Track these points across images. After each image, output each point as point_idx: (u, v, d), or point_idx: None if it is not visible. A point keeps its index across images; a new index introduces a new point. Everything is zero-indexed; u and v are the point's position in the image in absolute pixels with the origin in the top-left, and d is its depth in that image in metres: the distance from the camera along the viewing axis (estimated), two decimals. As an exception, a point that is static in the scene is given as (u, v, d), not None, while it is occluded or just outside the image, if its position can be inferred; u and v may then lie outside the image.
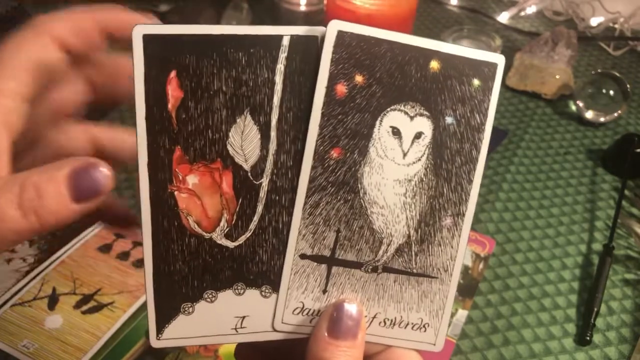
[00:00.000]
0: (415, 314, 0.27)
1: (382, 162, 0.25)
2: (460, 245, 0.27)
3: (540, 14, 0.93)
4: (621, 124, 0.72)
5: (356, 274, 0.26)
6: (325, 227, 0.26)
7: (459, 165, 0.26)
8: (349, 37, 0.24)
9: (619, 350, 0.47)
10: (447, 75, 0.25)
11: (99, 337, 0.44)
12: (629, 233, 0.57)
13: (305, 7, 0.80)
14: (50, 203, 0.22)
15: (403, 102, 0.25)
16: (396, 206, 0.26)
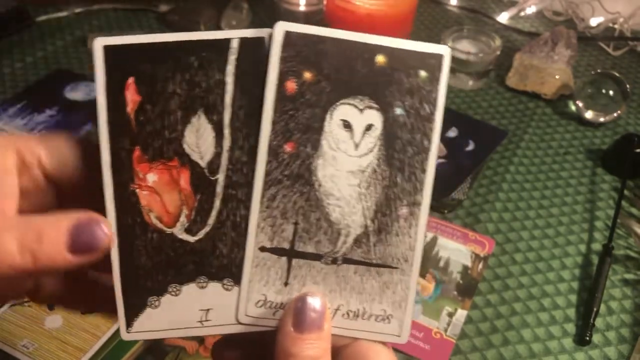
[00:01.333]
0: (377, 305, 0.27)
1: (335, 154, 0.26)
2: (418, 235, 0.27)
3: (540, 14, 0.93)
4: (621, 124, 0.72)
5: (316, 265, 0.27)
6: (283, 220, 0.27)
7: (411, 155, 0.26)
8: (296, 37, 0.25)
9: (618, 350, 0.48)
10: (393, 68, 0.26)
11: (99, 337, 0.44)
12: (629, 233, 0.57)
13: (305, 7, 0.81)
14: (47, 248, 0.23)
15: (352, 95, 0.26)
16: (352, 197, 0.26)
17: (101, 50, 0.26)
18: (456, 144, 0.66)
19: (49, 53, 0.76)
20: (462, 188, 0.60)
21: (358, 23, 0.71)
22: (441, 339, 0.47)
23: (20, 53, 0.76)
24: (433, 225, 0.56)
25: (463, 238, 0.55)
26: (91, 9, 0.84)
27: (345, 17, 0.72)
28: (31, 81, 0.71)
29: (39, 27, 0.81)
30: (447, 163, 0.63)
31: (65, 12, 0.83)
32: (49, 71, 0.73)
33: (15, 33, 0.79)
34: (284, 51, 0.25)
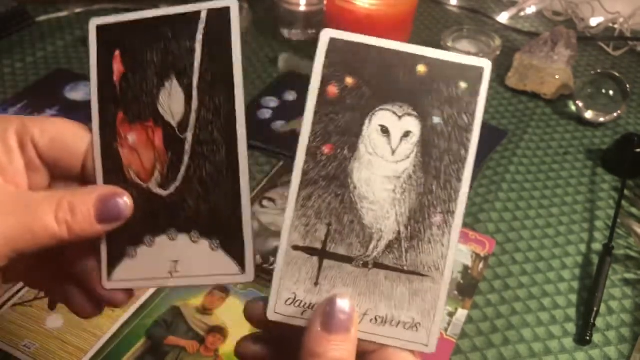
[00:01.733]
0: (406, 313, 0.27)
1: (372, 158, 0.27)
2: (451, 244, 0.27)
3: (539, 14, 0.93)
4: (621, 124, 0.72)
5: (347, 268, 0.27)
6: (317, 220, 0.27)
7: (447, 164, 0.27)
8: (340, 44, 0.26)
9: (618, 350, 0.48)
10: (433, 78, 0.26)
11: (100, 337, 0.44)
12: (629, 233, 0.57)
13: (305, 7, 0.81)
14: (79, 219, 0.27)
15: (391, 102, 0.26)
16: (386, 202, 0.27)
17: (94, 29, 0.30)
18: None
19: (49, 53, 0.76)
20: (462, 188, 0.60)
21: (358, 23, 0.71)
22: (442, 338, 0.47)
23: (20, 53, 0.76)
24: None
25: (463, 238, 0.55)
26: (91, 9, 0.84)
27: (345, 17, 0.72)
28: (31, 81, 0.71)
29: (39, 27, 0.81)
30: (447, 163, 0.63)
31: (65, 12, 0.83)
32: (49, 71, 0.73)
33: (16, 33, 0.79)
34: (328, 57, 0.26)
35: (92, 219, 0.27)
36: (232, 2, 0.28)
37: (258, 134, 0.65)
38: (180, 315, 0.46)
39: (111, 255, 0.30)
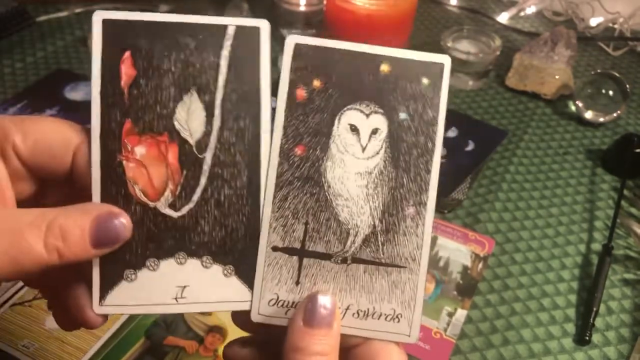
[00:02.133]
0: (387, 305, 0.28)
1: (343, 156, 0.27)
2: (425, 234, 0.28)
3: (539, 14, 0.93)
4: (620, 124, 0.72)
5: (327, 265, 0.28)
6: (294, 220, 0.28)
7: (416, 157, 0.28)
8: (306, 48, 0.27)
9: (618, 350, 0.48)
10: (397, 76, 0.28)
11: (99, 337, 0.45)
12: (628, 233, 0.57)
13: (305, 7, 0.81)
14: (71, 245, 0.24)
15: (358, 102, 0.27)
16: (359, 197, 0.27)
17: (100, 24, 0.27)
18: (456, 144, 0.66)
19: (49, 53, 0.76)
20: (461, 188, 0.60)
21: (358, 23, 0.71)
22: (441, 338, 0.47)
23: (20, 53, 0.76)
24: (433, 225, 0.56)
25: (463, 238, 0.55)
26: (91, 9, 0.83)
27: (345, 17, 0.72)
28: (31, 81, 0.71)
29: (39, 27, 0.81)
30: (447, 163, 0.63)
31: (65, 12, 0.83)
32: (49, 71, 0.73)
33: (16, 33, 0.79)
34: (294, 61, 0.27)
35: (87, 244, 0.25)
36: (263, 23, 0.28)
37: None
38: (179, 315, 0.47)
39: (106, 278, 0.27)
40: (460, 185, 0.60)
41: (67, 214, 0.24)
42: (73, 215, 0.25)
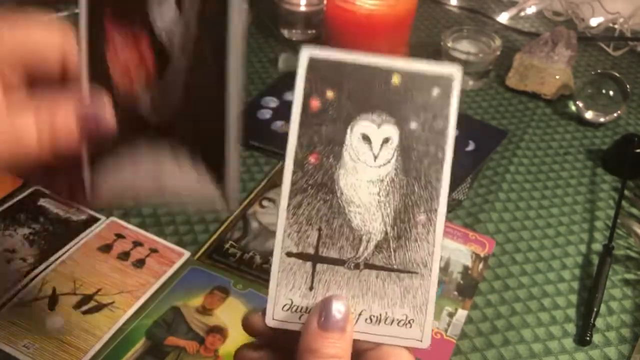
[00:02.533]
0: (399, 310, 0.28)
1: (356, 165, 0.28)
2: (436, 241, 0.28)
3: (540, 14, 0.93)
4: (621, 124, 0.72)
5: (340, 270, 0.28)
6: (308, 226, 0.28)
7: (427, 166, 0.28)
8: (319, 61, 0.28)
9: (618, 351, 0.48)
10: (408, 87, 0.28)
11: (99, 337, 0.44)
12: (629, 233, 0.57)
13: (305, 7, 0.81)
14: (61, 123, 0.25)
15: (370, 112, 0.28)
16: (372, 205, 0.28)
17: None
18: (456, 144, 0.65)
19: (49, 53, 0.76)
20: (462, 188, 0.60)
21: (358, 23, 0.71)
22: (441, 339, 0.47)
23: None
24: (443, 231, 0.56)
25: (463, 238, 0.55)
26: (91, 9, 0.84)
27: (345, 17, 0.72)
28: (31, 81, 0.71)
29: (39, 28, 0.81)
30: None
31: (65, 12, 0.83)
32: (49, 71, 0.73)
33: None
34: (309, 73, 0.28)
35: (73, 123, 0.25)
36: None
37: (258, 134, 0.65)
38: (180, 316, 0.46)
39: (94, 170, 0.29)
40: (461, 185, 0.60)
41: (52, 97, 0.25)
42: (59, 98, 0.26)
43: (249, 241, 0.53)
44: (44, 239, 0.51)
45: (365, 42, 0.73)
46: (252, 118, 0.67)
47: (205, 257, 0.52)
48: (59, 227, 0.52)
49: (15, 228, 0.52)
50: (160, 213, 0.54)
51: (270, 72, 0.76)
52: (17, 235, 0.51)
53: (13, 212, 0.53)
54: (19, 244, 0.51)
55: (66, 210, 0.54)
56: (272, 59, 0.78)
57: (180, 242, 0.53)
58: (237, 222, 0.55)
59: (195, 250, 0.52)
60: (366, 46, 0.73)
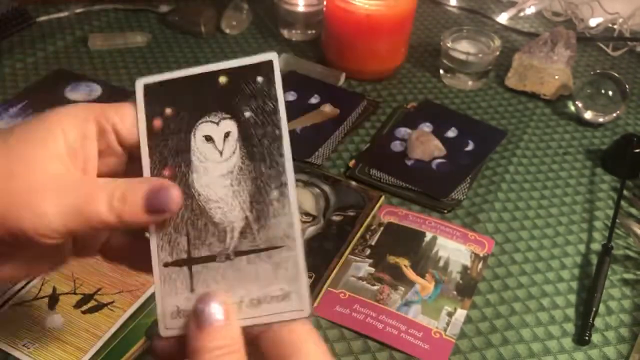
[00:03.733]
0: (276, 286, 0.29)
1: (205, 165, 0.30)
2: (292, 211, 0.29)
3: (539, 14, 0.93)
4: (620, 124, 0.72)
5: (213, 266, 0.30)
6: (176, 234, 0.30)
7: (268, 145, 0.30)
8: (153, 86, 0.31)
9: (617, 350, 0.48)
10: (234, 83, 0.31)
11: (99, 337, 0.45)
12: (628, 233, 0.57)
13: (305, 7, 0.81)
14: (129, 208, 0.28)
15: (207, 115, 0.31)
16: (227, 196, 0.30)
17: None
18: (455, 144, 0.66)
19: (50, 53, 0.76)
20: (461, 188, 0.60)
21: (358, 24, 0.71)
22: (441, 338, 0.47)
23: (21, 53, 0.76)
24: (432, 225, 0.56)
25: (462, 238, 0.55)
26: (92, 9, 0.84)
27: (344, 17, 0.72)
28: (32, 81, 0.72)
29: (39, 27, 0.81)
30: (446, 163, 0.63)
31: (65, 12, 0.83)
32: (50, 71, 0.73)
33: (16, 33, 0.79)
34: (146, 98, 0.31)
35: (140, 209, 0.29)
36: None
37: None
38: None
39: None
40: (460, 185, 0.61)
41: (128, 182, 0.29)
42: (133, 184, 0.29)
43: (248, 241, 0.53)
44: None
45: (365, 42, 0.73)
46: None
47: (205, 256, 0.52)
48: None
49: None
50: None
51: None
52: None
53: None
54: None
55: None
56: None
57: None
58: (237, 221, 0.55)
59: (195, 249, 0.52)
60: (365, 46, 0.73)
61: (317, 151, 0.63)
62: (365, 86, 0.75)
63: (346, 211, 0.57)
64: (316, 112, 0.69)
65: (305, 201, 0.58)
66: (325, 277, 0.51)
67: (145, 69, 0.75)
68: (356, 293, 0.50)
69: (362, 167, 0.62)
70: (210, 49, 0.80)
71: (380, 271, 0.52)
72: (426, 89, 0.76)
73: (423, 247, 0.54)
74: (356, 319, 0.48)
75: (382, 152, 0.65)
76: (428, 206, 0.59)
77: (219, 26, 0.83)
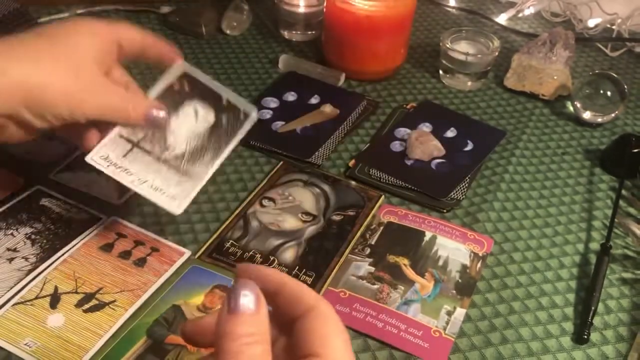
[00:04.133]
0: (172, 189, 0.48)
1: (183, 120, 0.50)
2: (208, 172, 0.49)
3: (538, 15, 0.94)
4: (618, 124, 0.73)
5: (145, 156, 0.48)
6: (140, 128, 0.48)
7: (220, 140, 0.50)
8: (188, 73, 0.51)
9: (616, 349, 0.48)
10: (230, 106, 0.51)
11: (101, 336, 0.45)
12: (626, 232, 0.58)
13: (305, 8, 0.81)
14: (135, 115, 0.46)
15: (202, 103, 0.51)
16: (183, 138, 0.49)
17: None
18: (455, 144, 0.66)
19: (50, 54, 0.77)
20: (460, 188, 0.61)
21: (357, 24, 0.71)
22: (440, 337, 0.47)
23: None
24: (432, 224, 0.57)
25: (462, 237, 0.56)
26: (92, 10, 0.84)
27: (344, 18, 0.72)
28: (32, 82, 0.72)
29: (40, 28, 0.81)
30: (445, 163, 0.63)
31: (67, 12, 0.84)
32: (50, 72, 0.73)
33: (17, 34, 0.79)
34: (180, 76, 0.51)
35: (142, 120, 0.46)
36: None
37: (258, 134, 0.65)
38: (181, 314, 0.47)
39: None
40: (459, 185, 0.61)
41: (141, 97, 0.48)
42: (143, 99, 0.47)
43: (249, 240, 0.54)
44: (45, 238, 0.52)
45: (365, 43, 0.73)
46: (252, 118, 0.67)
47: (206, 256, 0.52)
48: (61, 226, 0.53)
49: (17, 227, 0.52)
50: (161, 212, 0.54)
51: (270, 72, 0.77)
52: (19, 235, 0.52)
53: (15, 211, 0.54)
54: (21, 243, 0.51)
55: (68, 209, 0.55)
56: (272, 59, 0.79)
57: (181, 241, 0.53)
58: (238, 221, 0.55)
59: (196, 249, 0.53)
60: (365, 47, 0.73)
61: (317, 151, 0.63)
62: (365, 86, 0.75)
63: (346, 211, 0.57)
64: (316, 112, 0.69)
65: (306, 201, 0.58)
66: (325, 276, 0.51)
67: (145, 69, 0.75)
68: (356, 292, 0.50)
69: (361, 167, 0.62)
70: (211, 50, 0.80)
71: (380, 270, 0.52)
72: (425, 89, 0.76)
73: (422, 246, 0.54)
74: (356, 318, 0.48)
75: (382, 152, 0.65)
76: (427, 206, 0.59)
77: (220, 27, 0.83)
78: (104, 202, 0.56)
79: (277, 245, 0.53)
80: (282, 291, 0.29)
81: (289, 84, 0.73)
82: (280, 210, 0.57)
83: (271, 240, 0.54)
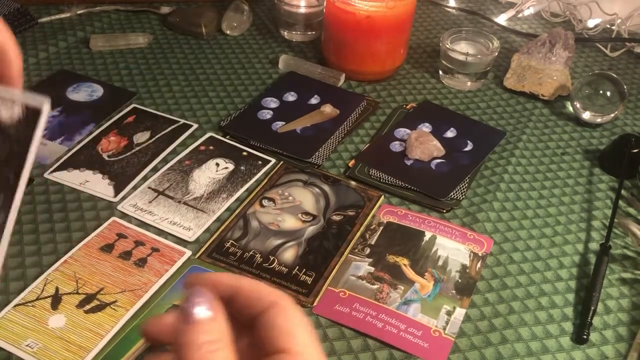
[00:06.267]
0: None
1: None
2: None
3: (537, 15, 0.94)
4: (618, 124, 0.73)
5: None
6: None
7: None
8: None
9: (615, 349, 0.48)
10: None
11: (102, 336, 0.45)
12: (626, 232, 0.58)
13: (305, 8, 0.81)
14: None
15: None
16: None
17: None
18: (454, 144, 0.66)
19: (52, 54, 0.77)
20: (460, 188, 0.61)
21: (357, 25, 0.71)
22: (440, 337, 0.47)
23: (23, 54, 0.76)
24: (432, 224, 0.57)
25: (461, 237, 0.56)
26: (93, 10, 0.84)
27: (344, 19, 0.72)
28: (34, 82, 0.72)
29: (41, 28, 0.81)
30: (445, 163, 0.64)
31: (67, 13, 0.84)
32: (52, 72, 0.74)
33: (18, 34, 0.79)
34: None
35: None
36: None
37: (258, 134, 0.65)
38: (181, 314, 0.47)
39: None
40: (459, 185, 0.61)
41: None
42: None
43: (249, 240, 0.54)
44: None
45: (365, 43, 0.73)
46: (252, 118, 0.67)
47: (206, 256, 0.52)
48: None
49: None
50: (162, 213, 0.54)
51: (270, 72, 0.77)
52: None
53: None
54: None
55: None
56: (272, 59, 0.79)
57: (181, 242, 0.53)
58: (238, 221, 0.55)
59: (196, 249, 0.53)
60: (365, 47, 0.73)
61: (317, 151, 0.64)
62: (364, 87, 0.75)
63: (346, 211, 0.57)
64: (316, 112, 0.69)
65: (306, 201, 0.58)
66: (325, 276, 0.51)
67: (146, 70, 0.76)
68: (356, 292, 0.50)
69: (361, 167, 0.63)
70: (211, 50, 0.80)
71: (380, 270, 0.52)
72: (425, 89, 0.76)
73: (422, 246, 0.55)
74: (356, 318, 0.48)
75: (382, 152, 0.65)
76: (427, 206, 0.59)
77: (220, 27, 0.83)
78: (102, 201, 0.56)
79: (277, 245, 0.54)
80: (238, 294, 0.29)
81: (289, 84, 0.73)
82: (280, 210, 0.57)
83: (271, 240, 0.54)
